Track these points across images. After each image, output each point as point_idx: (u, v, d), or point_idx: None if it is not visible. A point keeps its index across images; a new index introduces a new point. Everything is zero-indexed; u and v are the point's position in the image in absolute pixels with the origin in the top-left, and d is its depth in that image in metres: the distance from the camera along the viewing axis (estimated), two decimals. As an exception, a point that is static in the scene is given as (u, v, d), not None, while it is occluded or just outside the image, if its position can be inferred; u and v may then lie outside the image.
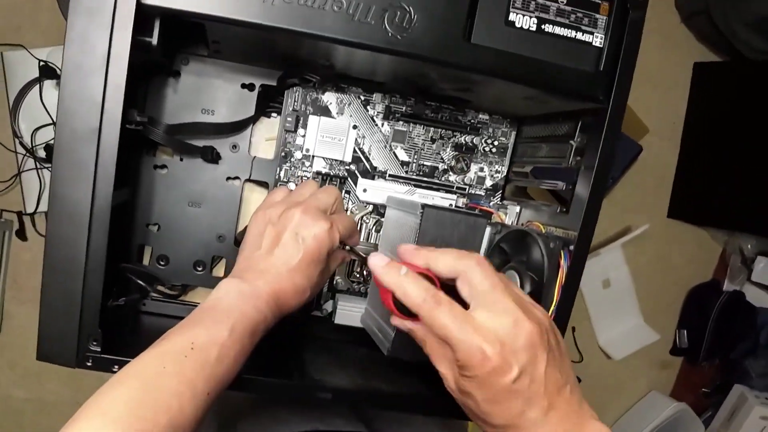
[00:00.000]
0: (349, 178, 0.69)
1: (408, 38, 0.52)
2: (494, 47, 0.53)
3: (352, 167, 0.69)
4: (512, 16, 0.53)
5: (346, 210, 0.69)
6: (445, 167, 0.70)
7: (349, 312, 0.67)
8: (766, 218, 1.23)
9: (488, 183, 0.72)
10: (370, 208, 0.69)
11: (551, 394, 0.43)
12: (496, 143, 0.71)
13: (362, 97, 0.68)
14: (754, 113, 1.26)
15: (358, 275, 0.70)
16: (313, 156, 0.68)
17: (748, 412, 1.31)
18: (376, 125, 0.68)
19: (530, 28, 0.54)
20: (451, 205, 0.69)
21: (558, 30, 0.55)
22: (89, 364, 0.53)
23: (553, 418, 0.43)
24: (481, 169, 0.71)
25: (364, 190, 0.68)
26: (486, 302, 0.43)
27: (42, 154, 1.10)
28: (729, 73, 1.32)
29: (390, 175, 0.69)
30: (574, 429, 0.44)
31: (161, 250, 0.68)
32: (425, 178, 0.70)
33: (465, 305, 0.44)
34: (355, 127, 0.68)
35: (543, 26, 0.54)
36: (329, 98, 0.67)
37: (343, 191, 0.69)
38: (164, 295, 0.68)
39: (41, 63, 1.07)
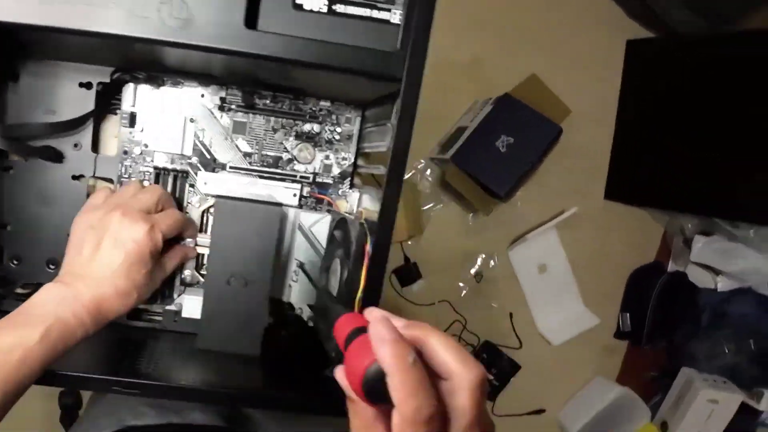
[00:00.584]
0: (191, 171, 0.69)
1: (189, 30, 0.52)
2: (282, 33, 0.53)
3: (194, 160, 0.69)
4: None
5: (187, 204, 0.69)
6: (290, 157, 0.70)
7: (197, 305, 0.68)
8: (704, 198, 1.20)
9: (335, 171, 0.71)
10: (212, 201, 0.69)
11: None
12: (339, 130, 0.70)
13: (198, 90, 0.68)
14: (689, 89, 1.23)
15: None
16: (154, 151, 0.68)
17: (695, 394, 1.28)
18: (215, 117, 0.69)
19: (321, 10, 0.53)
20: (295, 195, 0.69)
21: (352, 10, 0.54)
22: None
23: None
24: (327, 157, 0.71)
25: (205, 183, 0.68)
26: (460, 427, 0.37)
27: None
28: (662, 50, 1.28)
29: (231, 167, 0.69)
30: None
31: (14, 250, 0.69)
32: (269, 169, 0.70)
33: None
34: (192, 120, 0.68)
35: (334, 7, 0.54)
36: (165, 93, 0.68)
37: (187, 185, 0.69)
38: (19, 295, 0.70)
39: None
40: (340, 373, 0.40)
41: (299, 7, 0.53)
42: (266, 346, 0.67)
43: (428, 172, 1.23)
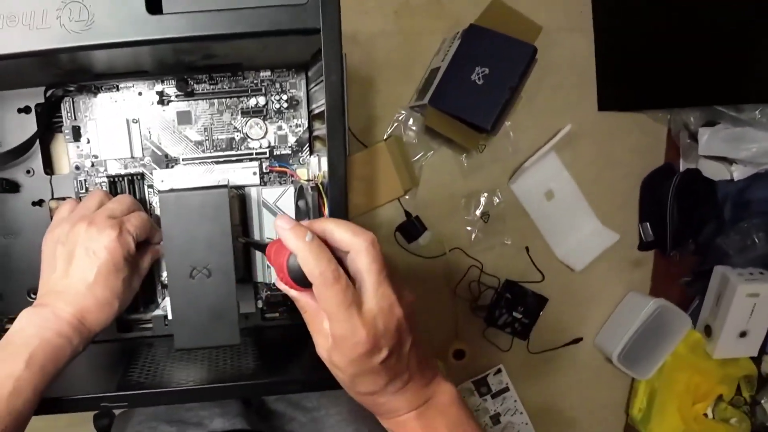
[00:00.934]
0: (146, 172, 0.67)
1: (93, 30, 0.50)
2: (188, 11, 0.50)
3: (147, 160, 0.67)
4: (195, -29, 0.50)
5: (150, 206, 0.68)
6: (242, 136, 0.68)
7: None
8: (702, 87, 1.13)
9: (291, 140, 0.69)
10: (172, 197, 0.67)
11: (412, 367, 0.48)
12: (285, 97, 0.68)
13: (135, 90, 0.66)
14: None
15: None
16: (104, 160, 0.67)
17: (733, 291, 1.23)
18: (157, 113, 0.67)
19: (221, -22, 0.50)
20: (255, 173, 0.67)
21: (254, -30, 0.51)
22: None
23: (411, 386, 0.48)
24: (280, 128, 0.68)
25: (162, 181, 0.66)
26: (369, 286, 0.44)
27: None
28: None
29: (185, 159, 0.67)
30: (428, 391, 0.50)
31: (-8, 287, 0.69)
32: (224, 153, 0.68)
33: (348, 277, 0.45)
34: (135, 121, 0.66)
35: (235, -29, 0.50)
36: (103, 100, 0.66)
37: (146, 186, 0.68)
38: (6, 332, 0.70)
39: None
40: (277, 281, 0.48)
41: (198, -22, 0.50)
42: (256, 334, 0.66)
43: (411, 122, 1.19)
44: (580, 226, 1.29)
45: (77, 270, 0.54)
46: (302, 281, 0.45)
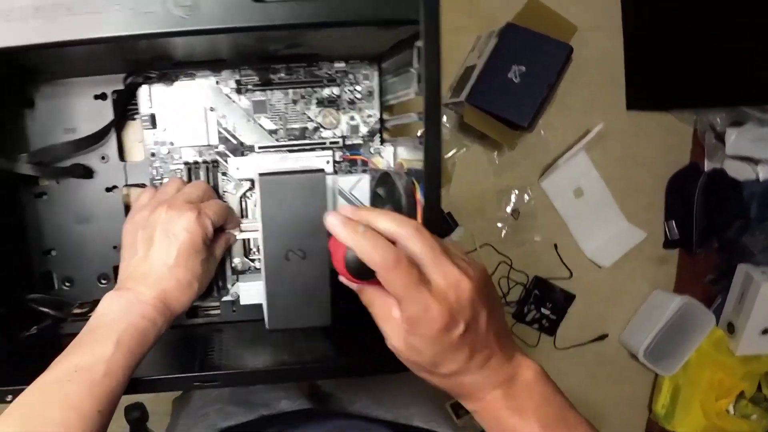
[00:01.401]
0: (221, 160, 0.68)
1: (197, 15, 0.50)
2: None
3: (222, 148, 0.68)
4: (301, -41, 0.51)
5: (224, 193, 0.69)
6: (315, 125, 0.69)
7: (255, 291, 0.68)
8: (728, 87, 1.16)
9: (363, 130, 0.70)
10: (248, 185, 0.68)
11: (492, 342, 0.47)
12: (359, 88, 0.69)
13: (212, 78, 0.67)
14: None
15: (256, 252, 0.70)
16: (181, 147, 0.67)
17: (757, 289, 1.26)
18: (234, 102, 0.67)
19: (322, -33, 0.52)
20: (328, 162, 0.68)
21: (353, -40, 0.52)
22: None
23: (493, 363, 0.47)
24: (352, 118, 0.70)
25: (237, 169, 0.67)
26: (429, 267, 0.44)
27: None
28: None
29: (260, 147, 0.68)
30: (510, 368, 0.49)
31: (64, 273, 0.69)
32: (297, 141, 0.69)
33: None
34: (212, 109, 0.67)
35: (336, -39, 0.52)
36: (180, 88, 0.67)
37: (220, 174, 0.69)
38: (78, 315, 0.70)
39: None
40: (341, 277, 0.49)
41: (300, -32, 0.51)
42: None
43: (444, 119, 1.21)
44: (607, 223, 1.32)
45: (158, 252, 0.55)
46: (362, 273, 0.45)
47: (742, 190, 1.28)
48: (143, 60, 0.64)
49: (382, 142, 0.70)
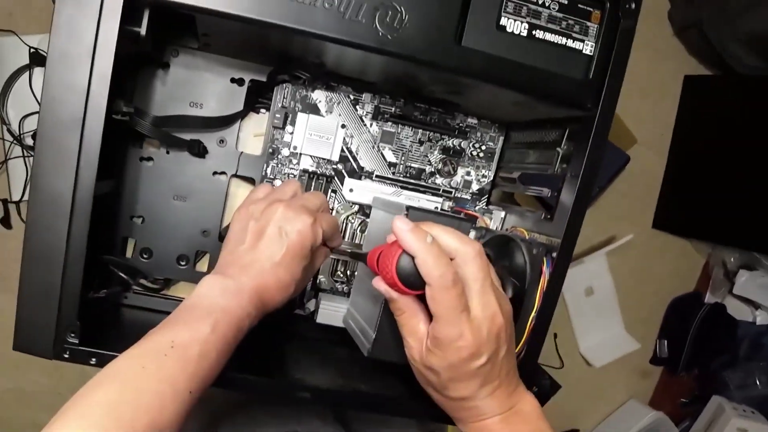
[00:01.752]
0: (335, 177, 0.68)
1: (398, 38, 0.51)
2: (484, 51, 0.53)
3: (339, 166, 0.68)
4: (503, 21, 0.53)
5: (332, 209, 0.69)
6: (432, 170, 0.70)
7: (332, 311, 0.67)
8: (749, 232, 1.24)
9: (474, 187, 0.72)
10: (356, 208, 0.69)
11: (503, 374, 0.50)
12: (483, 148, 0.71)
13: (352, 96, 0.68)
14: (741, 127, 1.27)
15: (341, 275, 0.70)
16: (301, 154, 0.67)
17: (726, 423, 1.32)
18: (365, 125, 0.68)
19: (521, 33, 0.54)
20: (436, 208, 0.69)
21: (549, 36, 0.55)
22: (66, 356, 0.52)
23: (499, 393, 0.50)
24: (468, 173, 0.71)
25: (351, 190, 0.68)
26: (476, 294, 0.46)
27: (30, 141, 1.09)
28: (718, 87, 1.33)
29: (377, 176, 0.69)
30: (513, 401, 0.51)
31: (145, 243, 0.67)
32: (412, 180, 0.70)
33: None
34: (343, 126, 0.68)
35: (534, 32, 0.54)
36: (319, 96, 0.67)
37: (330, 190, 0.69)
38: (146, 289, 0.68)
39: (32, 50, 1.06)
40: (378, 282, 0.49)
41: (503, 28, 0.54)
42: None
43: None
44: (607, 326, 1.37)
45: (266, 247, 0.54)
46: (411, 283, 0.45)
47: (737, 328, 1.36)
48: (294, 58, 0.64)
49: (488, 204, 0.72)
